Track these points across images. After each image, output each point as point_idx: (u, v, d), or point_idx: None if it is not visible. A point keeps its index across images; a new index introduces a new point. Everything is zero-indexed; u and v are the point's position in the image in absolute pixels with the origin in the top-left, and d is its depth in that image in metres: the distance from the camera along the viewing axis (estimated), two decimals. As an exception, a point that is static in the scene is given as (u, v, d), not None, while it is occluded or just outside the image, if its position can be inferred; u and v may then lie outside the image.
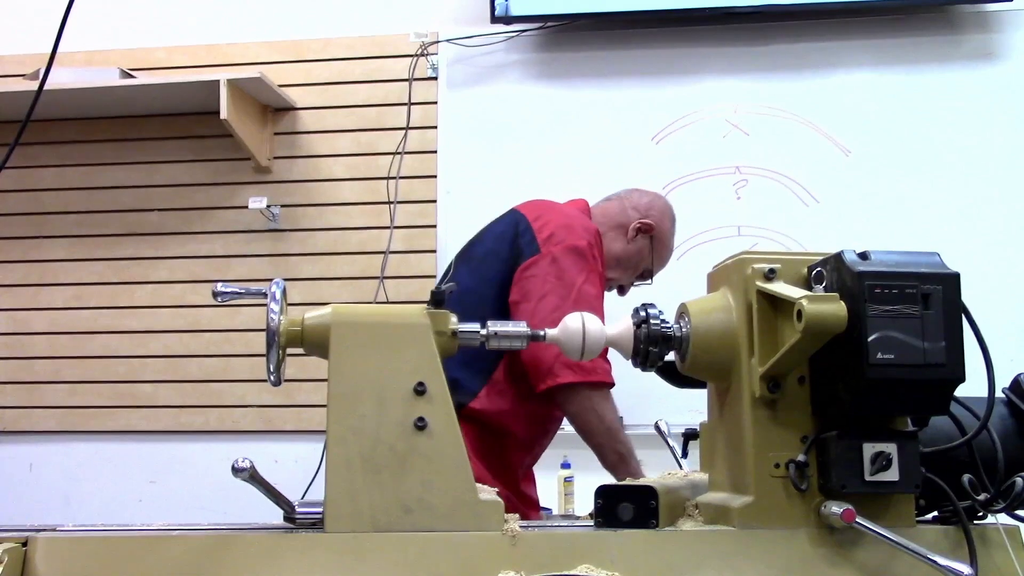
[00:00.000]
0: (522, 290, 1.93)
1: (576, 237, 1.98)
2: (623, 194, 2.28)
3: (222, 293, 1.13)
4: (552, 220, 2.01)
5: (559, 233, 1.97)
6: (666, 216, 2.26)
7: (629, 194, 2.28)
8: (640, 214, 2.21)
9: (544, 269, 1.93)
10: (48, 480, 3.18)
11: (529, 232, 1.99)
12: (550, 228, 1.99)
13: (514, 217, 2.07)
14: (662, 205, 2.28)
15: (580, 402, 1.90)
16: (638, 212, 2.22)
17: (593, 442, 1.95)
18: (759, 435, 1.03)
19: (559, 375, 1.87)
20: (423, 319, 1.07)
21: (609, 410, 1.93)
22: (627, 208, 2.23)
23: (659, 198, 2.30)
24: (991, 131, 2.96)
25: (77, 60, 3.26)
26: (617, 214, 2.21)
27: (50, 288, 3.26)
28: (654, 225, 2.21)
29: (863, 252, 1.00)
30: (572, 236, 1.98)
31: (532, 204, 2.12)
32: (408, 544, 1.00)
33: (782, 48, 3.06)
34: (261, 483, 1.02)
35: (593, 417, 1.91)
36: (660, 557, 1.01)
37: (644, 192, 2.29)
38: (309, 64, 3.26)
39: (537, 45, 3.15)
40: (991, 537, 1.05)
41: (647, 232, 2.21)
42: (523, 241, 1.98)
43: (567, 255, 1.95)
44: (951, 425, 1.08)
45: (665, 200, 2.31)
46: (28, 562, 0.99)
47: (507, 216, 2.10)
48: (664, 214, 2.26)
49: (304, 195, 3.21)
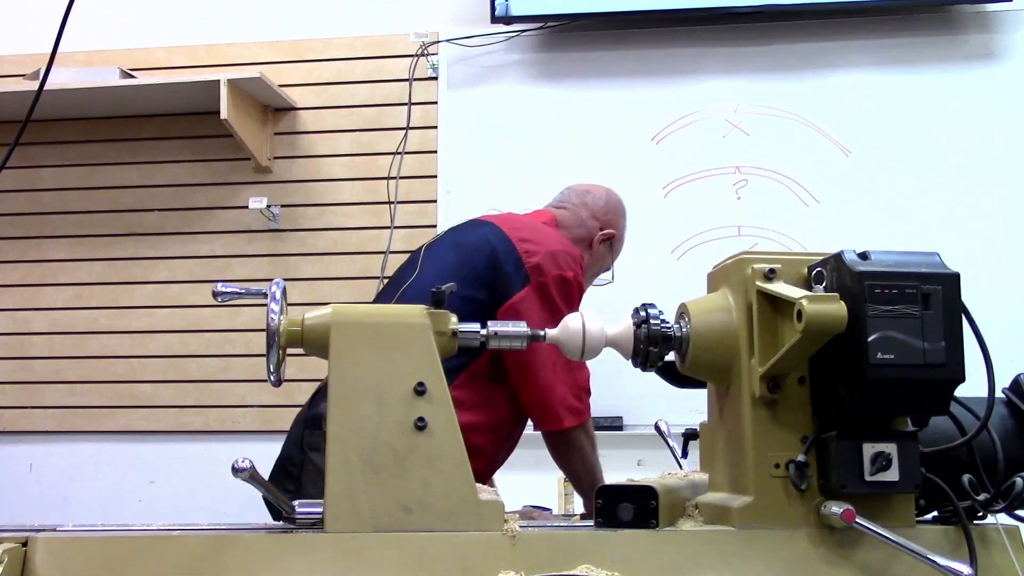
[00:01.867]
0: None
1: (564, 267, 1.96)
2: (572, 200, 2.23)
3: (222, 293, 1.13)
4: (540, 246, 1.97)
5: (547, 263, 1.94)
6: (621, 215, 2.26)
7: (580, 199, 2.22)
8: (599, 222, 2.20)
9: (535, 304, 1.91)
10: (48, 480, 3.18)
11: (514, 257, 1.94)
12: (538, 256, 1.95)
13: (493, 232, 2.00)
14: (614, 203, 2.25)
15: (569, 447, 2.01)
16: (597, 220, 2.20)
17: (572, 477, 2.10)
18: (759, 435, 1.03)
19: (565, 420, 1.96)
20: (423, 319, 1.07)
21: (590, 450, 2.04)
22: (585, 218, 2.19)
23: (609, 194, 2.26)
24: (991, 131, 2.96)
25: (77, 60, 3.26)
26: (577, 226, 2.18)
27: (50, 288, 3.26)
28: (615, 233, 2.22)
29: (863, 252, 1.00)
30: (560, 266, 1.96)
31: (511, 221, 2.07)
32: (408, 544, 1.00)
33: (782, 48, 3.06)
34: (261, 483, 1.02)
35: (578, 461, 2.03)
36: (660, 557, 1.01)
37: (587, 191, 2.25)
38: (309, 64, 3.26)
39: (537, 45, 3.15)
40: (991, 537, 1.05)
41: (609, 240, 2.22)
42: (509, 267, 1.93)
43: (556, 287, 1.94)
44: (951, 425, 1.08)
45: (613, 194, 2.27)
46: (28, 562, 0.99)
47: (482, 228, 2.04)
48: (618, 212, 2.25)
49: (304, 195, 3.21)
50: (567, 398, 1.96)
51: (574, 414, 1.97)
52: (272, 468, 2.04)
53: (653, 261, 2.99)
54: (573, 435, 1.99)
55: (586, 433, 2.03)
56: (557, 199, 2.28)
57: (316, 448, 1.90)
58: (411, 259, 2.12)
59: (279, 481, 1.97)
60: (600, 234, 2.19)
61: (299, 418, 2.06)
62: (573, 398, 1.97)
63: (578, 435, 2.00)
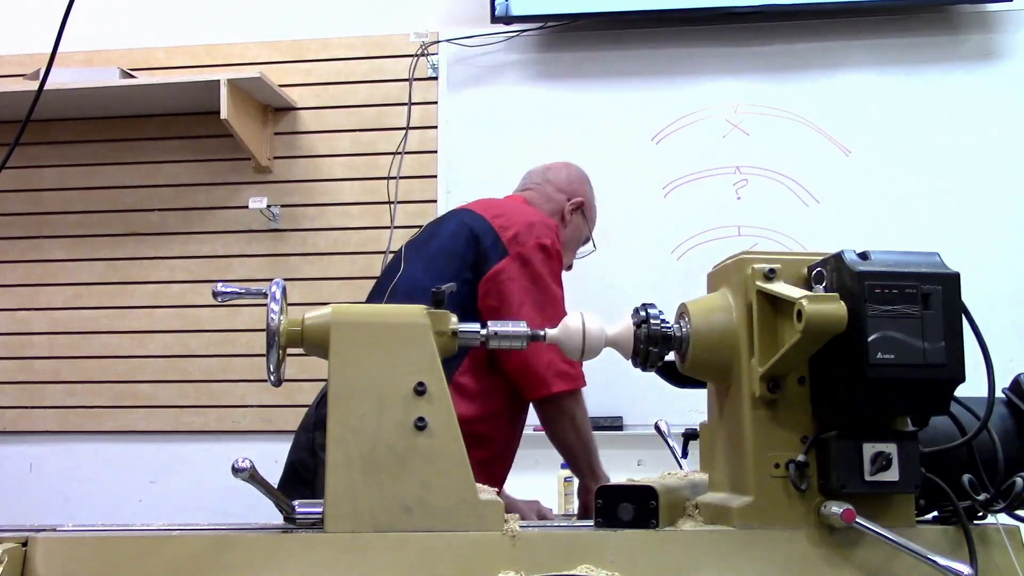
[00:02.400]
0: (498, 296, 1.92)
1: (541, 236, 1.98)
2: (535, 181, 2.27)
3: (222, 293, 1.13)
4: (514, 219, 2.00)
5: (523, 234, 1.97)
6: (585, 182, 2.29)
7: (543, 177, 2.27)
8: (566, 194, 2.23)
9: (517, 272, 1.93)
10: (48, 480, 3.18)
11: (491, 233, 1.97)
12: (514, 228, 1.98)
13: (467, 215, 2.04)
14: (576, 173, 2.29)
15: (561, 418, 1.93)
16: (563, 192, 2.23)
17: (568, 455, 1.99)
18: (759, 435, 1.03)
19: (553, 385, 1.88)
20: (423, 319, 1.07)
21: (584, 423, 1.96)
22: (551, 193, 2.23)
23: (569, 167, 2.30)
24: (991, 131, 2.96)
25: (77, 60, 3.26)
26: (546, 202, 2.21)
27: (50, 288, 3.26)
28: (583, 200, 2.25)
29: (863, 252, 1.00)
30: (536, 235, 1.98)
31: (484, 203, 2.11)
32: (408, 544, 1.00)
33: (782, 48, 3.06)
34: (261, 483, 1.02)
35: (572, 433, 1.94)
36: (660, 557, 1.01)
37: (547, 168, 2.29)
38: (309, 64, 3.26)
39: (537, 45, 3.15)
40: (991, 537, 1.05)
41: (579, 208, 2.23)
42: (486, 242, 1.96)
43: (535, 254, 1.95)
44: (951, 425, 1.08)
45: (573, 165, 2.31)
46: (28, 562, 0.99)
47: (457, 215, 2.08)
48: (583, 181, 2.29)
49: (304, 195, 3.21)
50: (555, 362, 1.88)
51: (563, 378, 1.89)
52: (282, 474, 2.03)
53: (653, 261, 2.99)
54: (564, 401, 1.91)
55: (578, 402, 1.95)
56: (521, 184, 2.32)
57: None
58: (395, 258, 2.14)
59: (292, 487, 1.96)
60: (569, 204, 2.22)
61: (307, 422, 2.05)
62: (562, 362, 1.89)
63: (569, 402, 1.92)
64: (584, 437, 1.96)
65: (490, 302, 1.92)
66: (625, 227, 3.02)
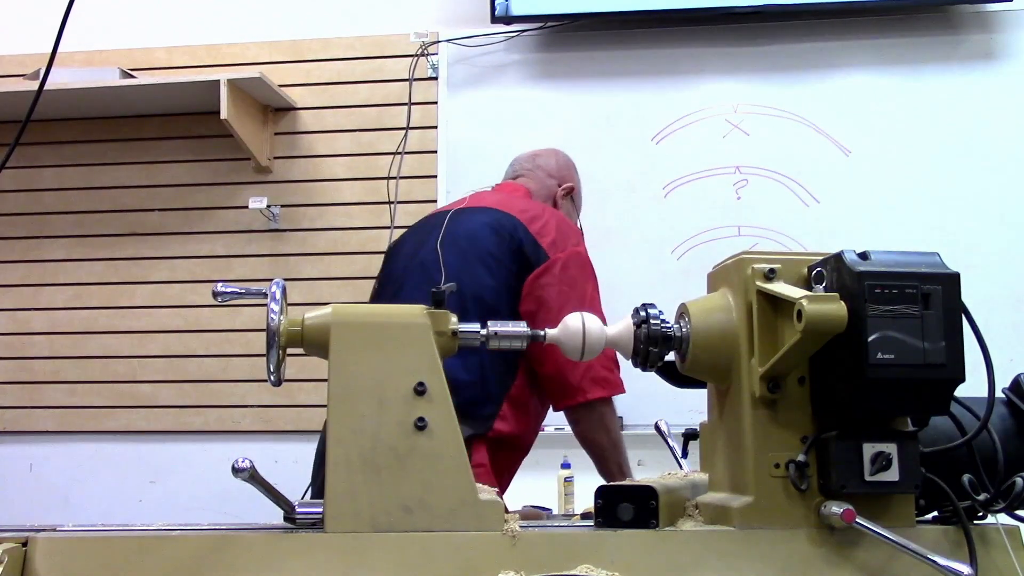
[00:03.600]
0: (537, 300, 1.91)
1: (575, 241, 2.00)
2: (526, 167, 2.27)
3: (222, 293, 1.13)
4: (549, 223, 1.99)
5: (560, 239, 1.97)
6: (572, 168, 2.31)
7: (533, 164, 2.27)
8: (556, 179, 2.25)
9: (557, 278, 1.92)
10: (48, 480, 3.18)
11: (530, 238, 1.95)
12: (551, 233, 1.97)
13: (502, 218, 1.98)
14: (564, 159, 2.31)
15: (592, 419, 1.93)
16: (554, 178, 2.25)
17: (598, 455, 1.98)
18: (759, 435, 1.03)
19: (589, 392, 1.89)
20: (423, 319, 1.07)
21: (615, 423, 1.97)
22: (543, 179, 2.24)
23: (557, 153, 2.32)
24: (991, 131, 2.96)
25: (77, 60, 3.26)
26: (539, 188, 2.22)
27: (50, 288, 3.26)
28: (573, 185, 2.27)
29: (863, 252, 1.00)
30: (572, 239, 2.00)
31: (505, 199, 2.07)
32: (408, 544, 1.00)
33: (782, 48, 3.07)
34: (261, 483, 1.02)
35: (603, 434, 1.95)
36: (660, 557, 1.01)
37: (536, 154, 2.30)
38: (309, 64, 3.26)
39: (537, 45, 3.15)
40: (991, 537, 1.05)
41: (570, 193, 2.26)
42: (527, 248, 1.93)
43: (574, 261, 1.96)
44: (951, 425, 1.08)
45: (560, 151, 2.33)
46: (28, 562, 0.99)
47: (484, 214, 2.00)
48: (570, 167, 2.31)
49: (304, 195, 3.21)
50: (593, 367, 1.88)
51: (601, 385, 1.89)
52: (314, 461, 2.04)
53: (653, 261, 2.99)
54: (600, 407, 1.92)
55: (611, 407, 1.95)
56: (512, 171, 2.30)
57: None
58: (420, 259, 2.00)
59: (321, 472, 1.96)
60: (560, 189, 2.24)
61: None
62: (601, 368, 1.89)
63: (604, 407, 1.93)
64: (616, 439, 1.97)
65: (529, 307, 1.91)
66: (625, 227, 3.02)
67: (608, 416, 1.95)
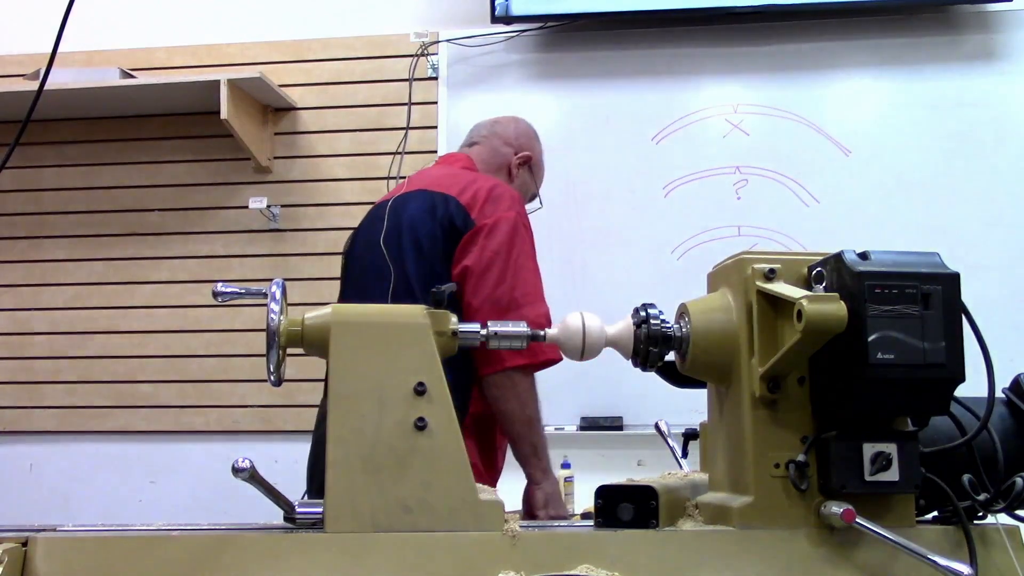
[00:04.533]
0: (462, 268, 1.89)
1: (506, 206, 1.94)
2: (482, 134, 2.24)
3: (222, 293, 1.13)
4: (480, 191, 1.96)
5: (489, 206, 1.94)
6: (533, 138, 2.27)
7: (490, 130, 2.24)
8: (513, 147, 2.21)
9: (480, 244, 1.89)
10: (48, 480, 3.18)
11: (461, 210, 1.93)
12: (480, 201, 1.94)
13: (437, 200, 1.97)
14: (525, 127, 2.27)
15: (506, 387, 1.87)
16: (510, 146, 2.21)
17: (511, 431, 1.92)
18: (759, 435, 1.03)
19: (507, 359, 1.85)
20: (423, 319, 1.07)
21: (532, 398, 1.89)
22: (498, 147, 2.21)
23: (518, 121, 2.28)
24: (991, 131, 2.96)
25: (77, 60, 3.26)
26: (492, 156, 2.19)
27: (50, 288, 3.26)
28: (531, 155, 2.23)
29: (863, 252, 1.00)
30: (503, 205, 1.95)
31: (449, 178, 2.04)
32: (408, 544, 1.00)
33: (782, 48, 3.07)
34: (261, 483, 1.02)
35: (515, 405, 1.88)
36: (660, 557, 1.01)
37: (495, 121, 2.27)
38: (309, 64, 3.26)
39: (537, 45, 3.15)
40: (991, 537, 1.05)
41: (526, 163, 2.22)
42: (457, 221, 1.92)
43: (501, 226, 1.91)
44: (951, 425, 1.08)
45: (522, 120, 2.29)
46: (28, 562, 0.99)
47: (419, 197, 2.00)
48: (530, 136, 2.27)
49: (304, 195, 3.21)
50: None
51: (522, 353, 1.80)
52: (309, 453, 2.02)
53: (653, 261, 2.99)
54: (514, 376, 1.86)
55: (529, 380, 1.88)
56: (468, 138, 2.28)
57: None
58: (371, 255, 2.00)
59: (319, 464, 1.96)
60: (516, 158, 2.21)
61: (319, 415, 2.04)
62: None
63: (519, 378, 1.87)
64: (531, 416, 1.89)
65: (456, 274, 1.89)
66: (625, 227, 3.02)
67: (523, 386, 1.87)
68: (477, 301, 1.86)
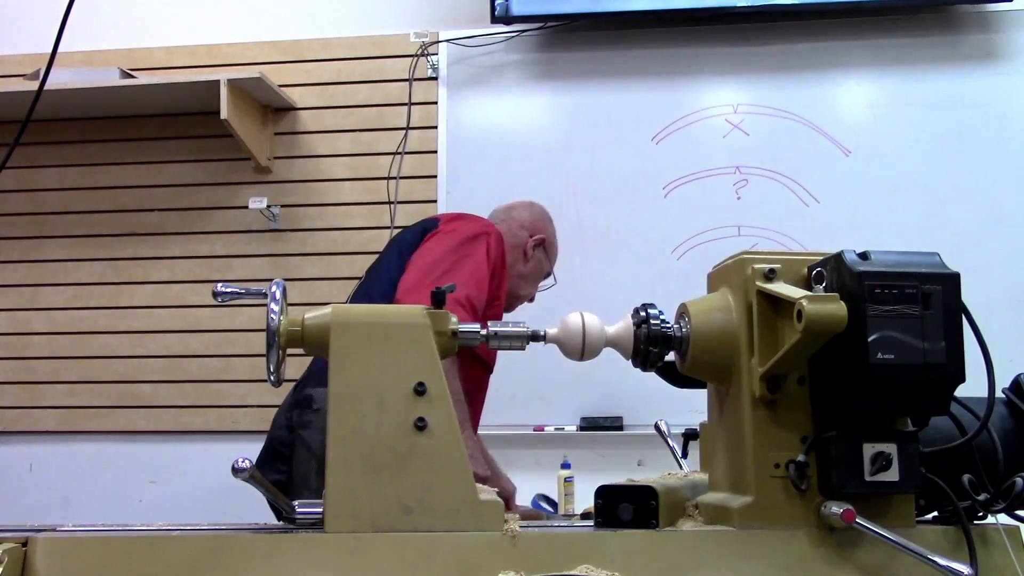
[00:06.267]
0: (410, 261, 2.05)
1: (472, 232, 2.10)
2: (500, 217, 2.38)
3: (222, 293, 1.13)
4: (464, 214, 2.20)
5: (459, 222, 2.13)
6: (547, 220, 2.41)
7: (507, 215, 2.37)
8: (528, 231, 2.35)
9: (429, 244, 2.07)
10: (48, 480, 3.18)
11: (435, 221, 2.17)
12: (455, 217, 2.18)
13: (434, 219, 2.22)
14: (539, 212, 2.40)
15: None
16: (526, 229, 2.35)
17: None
18: (759, 435, 1.03)
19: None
20: (423, 319, 1.07)
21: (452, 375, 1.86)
22: (515, 229, 2.34)
23: (532, 206, 2.42)
24: (991, 131, 2.96)
25: (77, 60, 3.26)
26: (508, 237, 2.30)
27: (50, 288, 3.26)
28: (545, 237, 2.36)
29: (863, 252, 1.00)
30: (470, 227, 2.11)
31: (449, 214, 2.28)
32: (408, 544, 1.00)
33: (782, 48, 3.07)
34: (261, 483, 1.02)
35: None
36: (660, 557, 1.01)
37: (511, 207, 2.40)
38: (309, 64, 3.26)
39: (537, 45, 3.15)
40: (991, 537, 1.05)
41: (541, 244, 2.35)
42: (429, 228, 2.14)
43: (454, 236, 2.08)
44: (951, 425, 1.08)
45: (536, 205, 2.43)
46: (28, 562, 0.99)
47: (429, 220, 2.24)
48: (545, 219, 2.40)
49: (304, 195, 3.21)
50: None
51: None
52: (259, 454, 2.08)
53: (653, 261, 2.99)
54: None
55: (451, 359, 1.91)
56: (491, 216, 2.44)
57: (305, 426, 1.98)
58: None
59: (269, 464, 2.01)
60: (532, 240, 2.34)
61: (285, 403, 2.13)
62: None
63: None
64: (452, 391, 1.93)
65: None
66: (625, 227, 3.02)
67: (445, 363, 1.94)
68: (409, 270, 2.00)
